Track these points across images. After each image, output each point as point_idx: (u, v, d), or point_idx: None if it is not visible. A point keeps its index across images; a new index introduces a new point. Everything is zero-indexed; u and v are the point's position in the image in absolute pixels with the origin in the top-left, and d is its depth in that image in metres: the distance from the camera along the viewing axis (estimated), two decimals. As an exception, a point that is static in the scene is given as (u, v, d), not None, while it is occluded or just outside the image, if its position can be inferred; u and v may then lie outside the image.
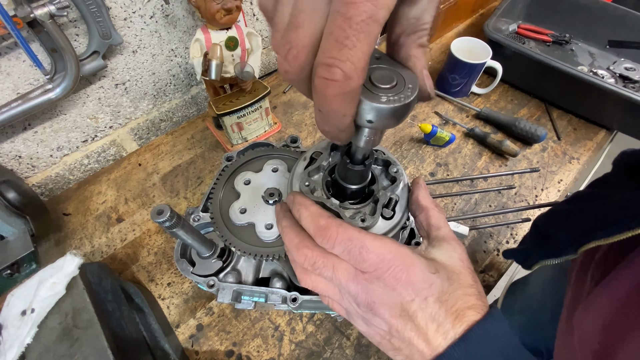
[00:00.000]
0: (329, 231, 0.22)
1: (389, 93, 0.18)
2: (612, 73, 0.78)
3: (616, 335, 0.23)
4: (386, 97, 0.18)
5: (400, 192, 0.30)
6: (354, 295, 0.21)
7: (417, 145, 0.72)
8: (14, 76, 0.51)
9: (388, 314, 0.20)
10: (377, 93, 0.18)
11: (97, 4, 0.49)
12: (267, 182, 0.42)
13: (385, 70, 0.19)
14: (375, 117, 0.18)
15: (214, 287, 0.38)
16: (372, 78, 0.18)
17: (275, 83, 0.85)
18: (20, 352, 0.38)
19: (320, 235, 0.22)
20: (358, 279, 0.21)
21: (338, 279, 0.22)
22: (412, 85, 0.19)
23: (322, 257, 0.22)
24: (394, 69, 0.19)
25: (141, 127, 0.72)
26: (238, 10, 0.53)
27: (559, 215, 0.37)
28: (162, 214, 0.29)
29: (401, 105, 0.18)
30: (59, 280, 0.42)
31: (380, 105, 0.18)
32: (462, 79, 0.75)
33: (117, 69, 0.61)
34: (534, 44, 0.88)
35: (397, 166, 0.31)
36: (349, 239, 0.21)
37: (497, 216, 0.63)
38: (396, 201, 0.29)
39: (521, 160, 0.70)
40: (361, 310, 0.22)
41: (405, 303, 0.20)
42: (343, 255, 0.21)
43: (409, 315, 0.20)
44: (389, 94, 0.18)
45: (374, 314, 0.21)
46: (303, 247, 0.23)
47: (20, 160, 0.60)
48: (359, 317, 0.23)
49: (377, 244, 0.21)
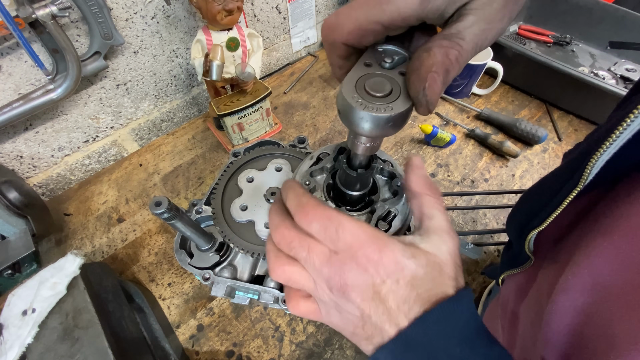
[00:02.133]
0: (308, 208, 0.22)
1: (382, 102, 0.18)
2: (613, 74, 0.78)
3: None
4: (378, 107, 0.18)
5: (401, 206, 0.29)
6: (327, 279, 0.21)
7: (417, 146, 0.72)
8: (15, 76, 0.51)
9: (360, 297, 0.20)
10: (370, 102, 0.18)
11: (99, 5, 0.49)
12: (270, 181, 0.42)
13: (380, 78, 0.19)
14: (367, 126, 0.18)
15: (209, 280, 0.39)
16: (367, 86, 0.18)
17: (276, 84, 0.85)
18: (21, 352, 0.38)
19: (300, 212, 0.22)
20: (332, 261, 0.21)
21: (312, 260, 0.21)
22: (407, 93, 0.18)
23: (299, 238, 0.22)
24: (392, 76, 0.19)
25: (142, 127, 0.72)
26: (239, 11, 0.53)
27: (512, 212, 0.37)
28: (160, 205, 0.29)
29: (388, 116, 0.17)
30: (59, 280, 0.42)
31: (372, 115, 0.17)
32: (462, 80, 0.75)
33: (118, 70, 0.61)
34: (534, 45, 0.88)
35: (402, 179, 0.30)
36: (327, 217, 0.21)
37: (497, 217, 0.63)
38: (395, 215, 0.28)
39: (522, 161, 0.70)
40: (334, 296, 0.21)
41: (376, 285, 0.20)
42: (319, 234, 0.21)
43: (380, 298, 0.20)
44: (381, 103, 0.18)
45: (346, 298, 0.21)
46: (283, 227, 0.23)
47: (21, 161, 0.60)
48: (332, 307, 0.22)
49: (353, 224, 0.21)
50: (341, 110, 0.19)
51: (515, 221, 0.34)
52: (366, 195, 0.29)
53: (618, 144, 0.21)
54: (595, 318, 0.22)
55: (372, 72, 0.19)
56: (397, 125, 0.18)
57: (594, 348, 0.21)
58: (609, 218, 0.24)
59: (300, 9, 0.80)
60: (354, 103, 0.18)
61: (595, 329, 0.21)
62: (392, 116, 0.17)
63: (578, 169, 0.24)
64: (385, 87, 0.18)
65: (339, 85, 0.20)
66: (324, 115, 0.78)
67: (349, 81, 0.19)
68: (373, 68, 0.20)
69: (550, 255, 0.31)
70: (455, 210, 0.63)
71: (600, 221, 0.24)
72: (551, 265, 0.30)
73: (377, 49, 0.21)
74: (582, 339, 0.22)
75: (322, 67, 0.88)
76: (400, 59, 0.20)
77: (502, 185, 0.66)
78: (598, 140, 0.22)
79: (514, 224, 0.34)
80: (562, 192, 0.25)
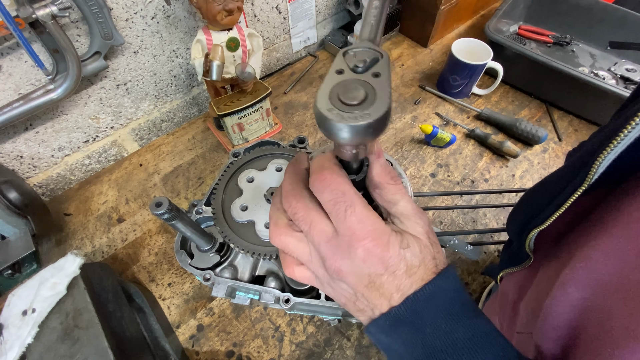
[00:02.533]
0: (328, 173, 0.21)
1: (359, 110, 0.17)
2: (613, 74, 0.78)
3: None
4: (355, 115, 0.17)
5: None
6: (324, 258, 0.21)
7: (417, 146, 0.72)
8: (15, 76, 0.51)
9: (354, 282, 0.21)
10: (346, 112, 0.17)
11: (99, 5, 0.49)
12: (270, 181, 0.42)
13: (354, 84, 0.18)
14: (347, 136, 0.18)
15: (210, 281, 0.39)
16: (341, 96, 0.18)
17: (276, 84, 0.85)
18: (21, 352, 0.38)
19: (319, 174, 0.21)
20: (331, 242, 0.21)
21: (312, 236, 0.21)
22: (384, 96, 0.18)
23: (305, 210, 0.22)
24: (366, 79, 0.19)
25: (142, 127, 0.72)
26: (239, 11, 0.54)
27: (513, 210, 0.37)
28: (161, 206, 0.29)
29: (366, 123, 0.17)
30: (60, 280, 0.42)
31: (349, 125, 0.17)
32: (463, 80, 0.75)
33: (118, 70, 0.61)
34: (534, 45, 0.88)
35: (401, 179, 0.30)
36: (343, 192, 0.21)
37: (497, 217, 0.63)
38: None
39: (522, 161, 0.70)
40: (328, 275, 0.22)
41: (373, 275, 0.20)
42: (328, 204, 0.21)
43: (376, 286, 0.20)
44: (359, 111, 0.17)
45: (341, 280, 0.21)
46: (292, 195, 0.22)
47: (21, 161, 0.61)
48: (325, 281, 0.23)
49: (363, 211, 0.20)
50: (319, 123, 0.19)
51: (516, 220, 0.34)
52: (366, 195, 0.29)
53: (625, 143, 0.21)
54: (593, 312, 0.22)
55: (344, 79, 0.19)
56: (378, 130, 0.18)
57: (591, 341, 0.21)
58: (611, 216, 0.24)
59: (300, 9, 0.80)
60: (329, 115, 0.17)
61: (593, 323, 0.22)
62: (371, 123, 0.17)
63: (583, 168, 0.24)
64: (359, 93, 0.18)
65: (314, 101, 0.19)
66: (324, 115, 0.78)
67: (323, 93, 0.18)
68: (345, 74, 0.19)
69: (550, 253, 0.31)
70: (455, 209, 0.63)
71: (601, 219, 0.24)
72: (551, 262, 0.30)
73: (348, 52, 0.20)
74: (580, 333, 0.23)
75: (322, 67, 0.88)
76: (373, 60, 0.20)
77: (502, 186, 0.66)
78: (605, 140, 0.22)
79: (514, 222, 0.34)
80: (566, 191, 0.25)
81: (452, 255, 0.58)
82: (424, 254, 0.21)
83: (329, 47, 0.92)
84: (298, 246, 0.23)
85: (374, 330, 0.21)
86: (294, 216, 0.22)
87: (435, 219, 0.62)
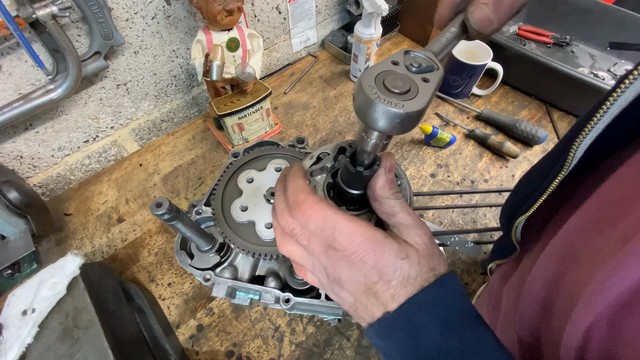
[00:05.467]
0: (305, 206, 0.22)
1: (396, 98, 0.18)
2: (613, 75, 0.79)
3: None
4: (391, 101, 0.18)
5: None
6: (325, 267, 0.23)
7: (417, 147, 0.72)
8: (15, 76, 0.51)
9: (353, 289, 0.22)
10: (388, 98, 0.18)
11: (99, 5, 0.49)
12: (270, 181, 0.42)
13: (402, 77, 0.19)
14: (383, 120, 0.18)
15: (210, 281, 0.39)
16: (386, 81, 0.19)
17: (276, 84, 0.85)
18: (21, 352, 0.38)
19: (297, 209, 0.23)
20: (329, 253, 0.22)
21: (312, 248, 0.23)
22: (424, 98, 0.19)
23: (300, 227, 0.23)
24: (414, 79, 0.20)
25: (142, 127, 0.72)
26: (239, 11, 0.54)
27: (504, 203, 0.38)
28: (161, 206, 0.29)
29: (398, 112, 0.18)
30: (59, 280, 0.42)
31: (383, 107, 0.18)
32: (462, 81, 0.75)
33: (118, 70, 0.61)
34: (534, 45, 0.88)
35: (400, 179, 0.30)
36: (324, 219, 0.22)
37: (496, 216, 0.63)
38: None
39: (522, 162, 0.70)
40: (330, 282, 0.23)
41: (369, 283, 0.21)
42: (317, 232, 0.22)
43: (372, 293, 0.21)
44: (396, 99, 0.18)
45: (340, 287, 0.22)
46: (286, 213, 0.23)
47: (21, 160, 0.60)
48: (329, 288, 0.24)
49: (350, 226, 0.21)
50: (355, 97, 0.20)
51: (505, 210, 0.35)
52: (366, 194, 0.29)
53: (599, 128, 0.22)
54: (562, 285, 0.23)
55: (395, 70, 0.20)
56: (404, 125, 0.19)
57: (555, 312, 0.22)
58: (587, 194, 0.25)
59: (300, 9, 0.80)
60: (367, 90, 0.18)
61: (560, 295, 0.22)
62: (401, 113, 0.18)
63: (562, 154, 0.24)
64: (404, 85, 0.19)
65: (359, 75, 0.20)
66: (324, 115, 0.78)
67: (371, 72, 0.19)
68: (399, 68, 0.20)
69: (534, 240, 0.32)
70: (455, 209, 0.63)
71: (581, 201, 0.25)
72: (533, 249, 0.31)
73: (410, 52, 0.22)
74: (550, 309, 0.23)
75: (322, 68, 0.88)
76: (428, 67, 0.21)
77: (502, 186, 0.67)
78: (579, 126, 0.23)
79: (503, 213, 0.35)
80: (549, 178, 0.26)
81: (452, 255, 0.58)
82: (422, 266, 0.21)
83: (329, 48, 0.92)
84: (303, 255, 0.24)
85: (371, 334, 0.22)
86: (291, 232, 0.23)
87: (435, 219, 0.62)
